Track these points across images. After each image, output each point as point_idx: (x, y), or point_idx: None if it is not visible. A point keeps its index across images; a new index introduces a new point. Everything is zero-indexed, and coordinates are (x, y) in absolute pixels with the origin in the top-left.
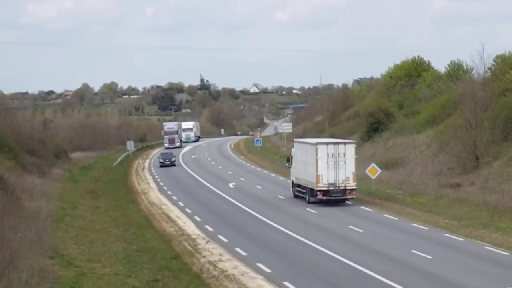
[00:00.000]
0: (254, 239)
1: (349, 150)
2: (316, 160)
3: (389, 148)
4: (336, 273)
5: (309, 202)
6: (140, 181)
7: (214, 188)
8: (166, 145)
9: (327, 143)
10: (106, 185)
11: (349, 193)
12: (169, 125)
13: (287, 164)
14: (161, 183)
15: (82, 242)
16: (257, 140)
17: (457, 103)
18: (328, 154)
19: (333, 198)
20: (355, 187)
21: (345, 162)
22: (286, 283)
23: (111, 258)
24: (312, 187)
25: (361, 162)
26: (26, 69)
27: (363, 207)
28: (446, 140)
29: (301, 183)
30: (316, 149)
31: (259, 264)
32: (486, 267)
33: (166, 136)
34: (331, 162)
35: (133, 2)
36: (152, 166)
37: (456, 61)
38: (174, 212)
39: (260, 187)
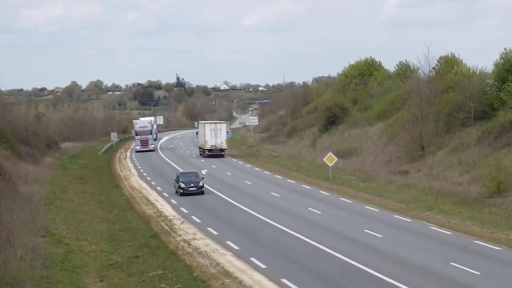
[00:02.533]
0: (224, 220)
1: (223, 126)
2: (204, 132)
3: (344, 139)
4: (297, 250)
5: (203, 157)
6: (123, 168)
7: None
8: (137, 147)
9: (210, 123)
10: (92, 172)
11: (223, 150)
12: (141, 123)
13: (196, 136)
14: (141, 170)
15: (71, 222)
16: (227, 132)
17: (405, 99)
18: (211, 129)
19: (214, 153)
20: (226, 147)
21: (220, 134)
22: (253, 259)
23: (96, 236)
24: (203, 148)
25: (319, 152)
26: (21, 68)
27: (322, 192)
28: (395, 132)
29: (200, 146)
30: (205, 126)
31: (229, 242)
32: (431, 245)
33: (137, 137)
34: (212, 133)
35: (116, 9)
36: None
37: (404, 61)
38: (153, 196)
39: (229, 174)
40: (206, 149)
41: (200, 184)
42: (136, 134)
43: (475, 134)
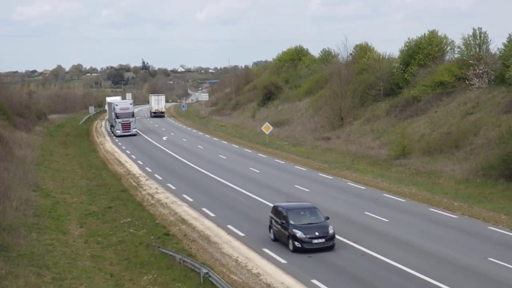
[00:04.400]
0: (181, 178)
1: (163, 97)
2: (151, 101)
3: (278, 112)
4: (240, 202)
5: (151, 117)
6: (99, 136)
7: (152, 141)
8: (118, 132)
9: (155, 94)
10: (74, 138)
11: (163, 113)
12: (122, 104)
13: (148, 104)
14: (114, 137)
15: (57, 179)
16: (183, 106)
17: (327, 79)
18: (154, 99)
19: (157, 115)
20: (165, 111)
21: (161, 102)
22: (204, 209)
23: (77, 191)
24: (151, 111)
25: (258, 122)
26: (16, 54)
27: (260, 154)
28: (320, 106)
29: (150, 110)
30: (151, 97)
31: (185, 195)
32: (348, 197)
33: (118, 120)
34: (156, 101)
35: (93, 5)
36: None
37: (326, 49)
38: (123, 158)
39: (185, 140)
40: (152, 112)
41: (331, 231)
42: (117, 117)
43: (384, 107)
